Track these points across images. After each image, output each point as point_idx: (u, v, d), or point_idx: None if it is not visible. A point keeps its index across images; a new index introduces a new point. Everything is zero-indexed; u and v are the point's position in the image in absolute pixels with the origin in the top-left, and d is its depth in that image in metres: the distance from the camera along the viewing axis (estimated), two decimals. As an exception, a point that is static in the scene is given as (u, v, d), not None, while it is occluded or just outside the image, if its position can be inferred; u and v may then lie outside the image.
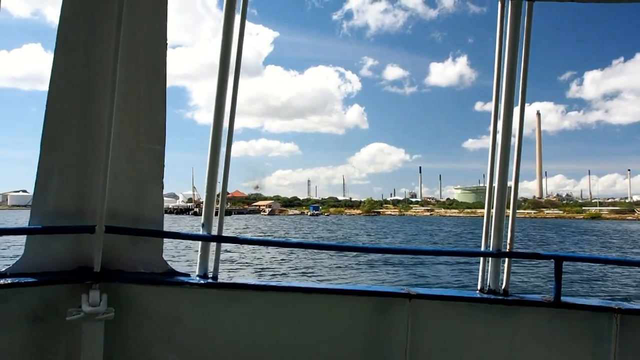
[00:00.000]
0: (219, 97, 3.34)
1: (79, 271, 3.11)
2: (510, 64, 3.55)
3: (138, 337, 3.23)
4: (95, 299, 2.97)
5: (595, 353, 3.46)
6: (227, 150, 3.40)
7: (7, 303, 2.90)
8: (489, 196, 3.66)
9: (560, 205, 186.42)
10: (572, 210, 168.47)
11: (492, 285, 3.59)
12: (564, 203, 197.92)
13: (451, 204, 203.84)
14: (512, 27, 3.54)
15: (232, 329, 3.33)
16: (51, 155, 3.07)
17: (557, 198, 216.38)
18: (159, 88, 3.24)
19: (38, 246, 3.08)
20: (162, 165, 3.29)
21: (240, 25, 3.34)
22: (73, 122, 3.09)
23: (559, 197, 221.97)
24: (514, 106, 3.58)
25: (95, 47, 3.07)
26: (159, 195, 3.33)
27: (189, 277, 3.34)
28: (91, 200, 3.09)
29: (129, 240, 3.25)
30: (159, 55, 3.22)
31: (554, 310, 3.47)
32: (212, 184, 3.40)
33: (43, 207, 3.08)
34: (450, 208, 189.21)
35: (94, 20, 3.05)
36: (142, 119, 3.23)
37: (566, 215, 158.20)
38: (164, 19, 3.20)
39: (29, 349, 2.98)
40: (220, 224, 3.43)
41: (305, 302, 3.41)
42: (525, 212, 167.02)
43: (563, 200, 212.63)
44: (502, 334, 3.49)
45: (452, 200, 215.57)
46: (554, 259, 3.55)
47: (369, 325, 3.43)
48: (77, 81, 3.07)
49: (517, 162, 3.60)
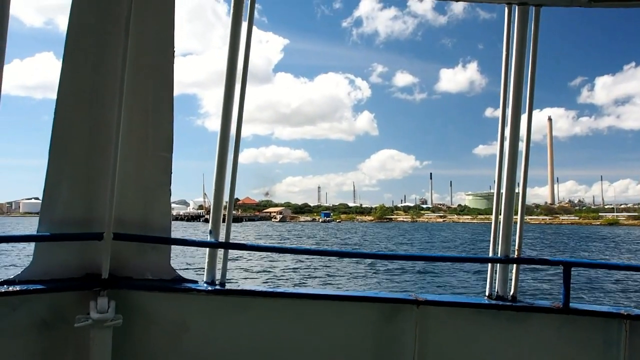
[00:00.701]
0: (226, 104, 3.36)
1: (87, 278, 3.12)
2: (518, 69, 3.53)
3: (146, 343, 3.24)
4: (103, 306, 2.97)
5: (604, 359, 3.41)
6: (234, 157, 3.39)
7: (16, 310, 2.91)
8: (496, 202, 3.63)
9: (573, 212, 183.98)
10: (588, 216, 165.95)
11: (500, 291, 3.56)
12: (576, 209, 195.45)
13: (462, 210, 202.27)
14: (519, 32, 3.52)
15: (240, 335, 3.33)
16: (59, 163, 3.08)
17: (569, 204, 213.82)
18: (166, 96, 3.25)
19: (46, 253, 3.09)
20: (169, 172, 3.29)
21: (247, 32, 3.35)
22: (81, 130, 3.10)
23: (571, 203, 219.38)
24: (522, 112, 3.56)
25: (103, 56, 3.08)
26: (166, 203, 3.35)
27: (196, 283, 3.34)
28: (99, 208, 3.10)
29: (137, 247, 3.26)
30: (166, 63, 3.23)
31: (563, 316, 3.43)
32: (220, 191, 3.40)
33: (51, 215, 3.09)
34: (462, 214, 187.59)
35: (102, 29, 3.07)
36: (149, 126, 3.24)
37: (582, 221, 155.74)
38: (172, 27, 3.22)
39: (37, 356, 2.99)
40: (228, 230, 3.42)
41: (312, 309, 3.41)
42: (539, 218, 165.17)
43: (575, 206, 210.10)
44: (510, 340, 3.46)
45: (464, 207, 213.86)
46: (562, 265, 3.51)
47: (377, 331, 3.41)
48: (85, 89, 3.08)
49: (525, 167, 3.58)
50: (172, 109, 3.28)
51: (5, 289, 2.89)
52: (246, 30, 3.35)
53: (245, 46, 3.36)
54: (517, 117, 3.56)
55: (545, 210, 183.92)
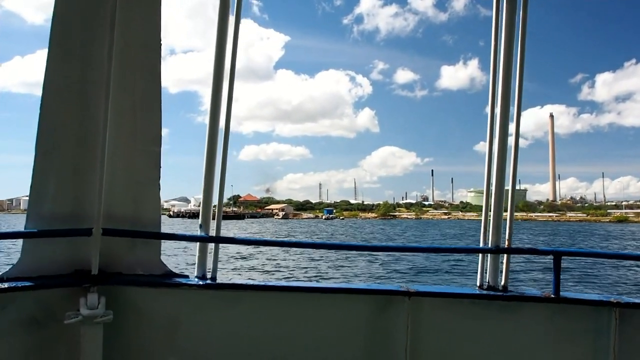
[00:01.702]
0: (215, 99, 3.35)
1: (77, 274, 3.09)
2: (506, 62, 3.52)
3: (137, 339, 3.22)
4: (93, 302, 2.96)
5: (595, 347, 3.44)
6: (223, 152, 3.39)
7: (5, 309, 2.89)
8: (486, 193, 3.62)
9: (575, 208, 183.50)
10: (597, 213, 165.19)
11: (491, 281, 3.57)
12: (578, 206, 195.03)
13: (464, 207, 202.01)
14: (507, 22, 3.50)
15: (232, 329, 3.33)
16: (47, 159, 3.06)
17: (572, 201, 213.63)
18: (154, 90, 3.25)
19: (35, 250, 3.07)
20: (159, 167, 3.29)
21: (234, 25, 3.34)
22: (68, 125, 3.09)
23: (573, 199, 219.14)
24: (510, 104, 3.57)
25: (89, 50, 3.07)
26: (156, 197, 3.33)
27: (187, 278, 3.33)
28: (88, 203, 3.08)
29: (127, 242, 3.24)
30: (153, 57, 3.23)
31: (554, 305, 3.45)
32: (209, 186, 3.40)
33: (39, 211, 3.07)
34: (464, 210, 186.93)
35: (86, 23, 3.05)
36: (138, 120, 3.22)
37: (591, 218, 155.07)
38: (158, 21, 3.21)
39: (27, 354, 2.97)
40: (218, 225, 3.42)
41: (304, 302, 3.41)
42: (545, 215, 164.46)
43: (577, 202, 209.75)
44: (502, 329, 3.48)
45: (466, 203, 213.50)
46: (552, 254, 3.53)
47: (369, 323, 3.42)
48: (72, 84, 3.07)
49: (515, 156, 3.57)
50: (160, 102, 3.27)
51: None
52: (234, 24, 3.35)
53: (233, 41, 3.34)
54: (505, 109, 3.55)
55: (548, 207, 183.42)
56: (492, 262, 3.59)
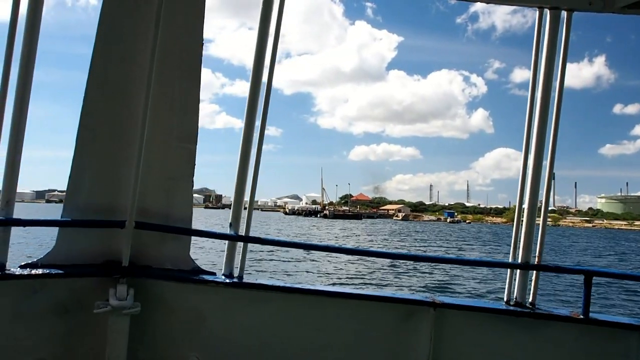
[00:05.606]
0: (251, 101, 3.36)
1: (107, 265, 3.16)
2: (547, 76, 3.46)
3: (162, 333, 3.28)
4: (122, 293, 3.02)
5: None
6: (257, 152, 3.40)
7: (37, 293, 2.98)
8: (518, 207, 3.51)
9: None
10: None
11: (518, 297, 3.46)
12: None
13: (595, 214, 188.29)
14: (550, 38, 3.44)
15: (256, 329, 3.34)
16: (85, 151, 3.14)
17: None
18: (194, 88, 3.29)
19: (69, 239, 3.16)
20: (193, 163, 3.34)
21: (275, 27, 3.34)
22: (108, 119, 3.16)
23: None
24: (549, 119, 3.48)
25: (132, 47, 3.13)
26: (189, 193, 3.39)
27: (214, 275, 3.36)
28: (122, 196, 3.15)
29: (157, 236, 3.28)
30: (194, 57, 3.27)
31: (582, 326, 3.31)
32: (242, 185, 3.41)
33: (75, 201, 3.16)
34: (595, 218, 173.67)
35: (132, 22, 3.12)
36: (175, 118, 3.28)
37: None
38: (202, 19, 3.25)
39: (56, 339, 3.05)
40: (248, 224, 3.44)
41: (329, 306, 3.39)
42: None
43: None
44: (527, 347, 3.36)
45: (596, 210, 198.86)
46: (583, 273, 3.39)
47: (392, 332, 3.37)
48: (114, 80, 3.15)
49: (550, 171, 3.50)
50: (198, 101, 3.32)
51: (28, 272, 2.95)
52: (274, 27, 3.35)
53: (274, 44, 3.35)
54: (543, 123, 3.48)
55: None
56: (521, 278, 3.48)
